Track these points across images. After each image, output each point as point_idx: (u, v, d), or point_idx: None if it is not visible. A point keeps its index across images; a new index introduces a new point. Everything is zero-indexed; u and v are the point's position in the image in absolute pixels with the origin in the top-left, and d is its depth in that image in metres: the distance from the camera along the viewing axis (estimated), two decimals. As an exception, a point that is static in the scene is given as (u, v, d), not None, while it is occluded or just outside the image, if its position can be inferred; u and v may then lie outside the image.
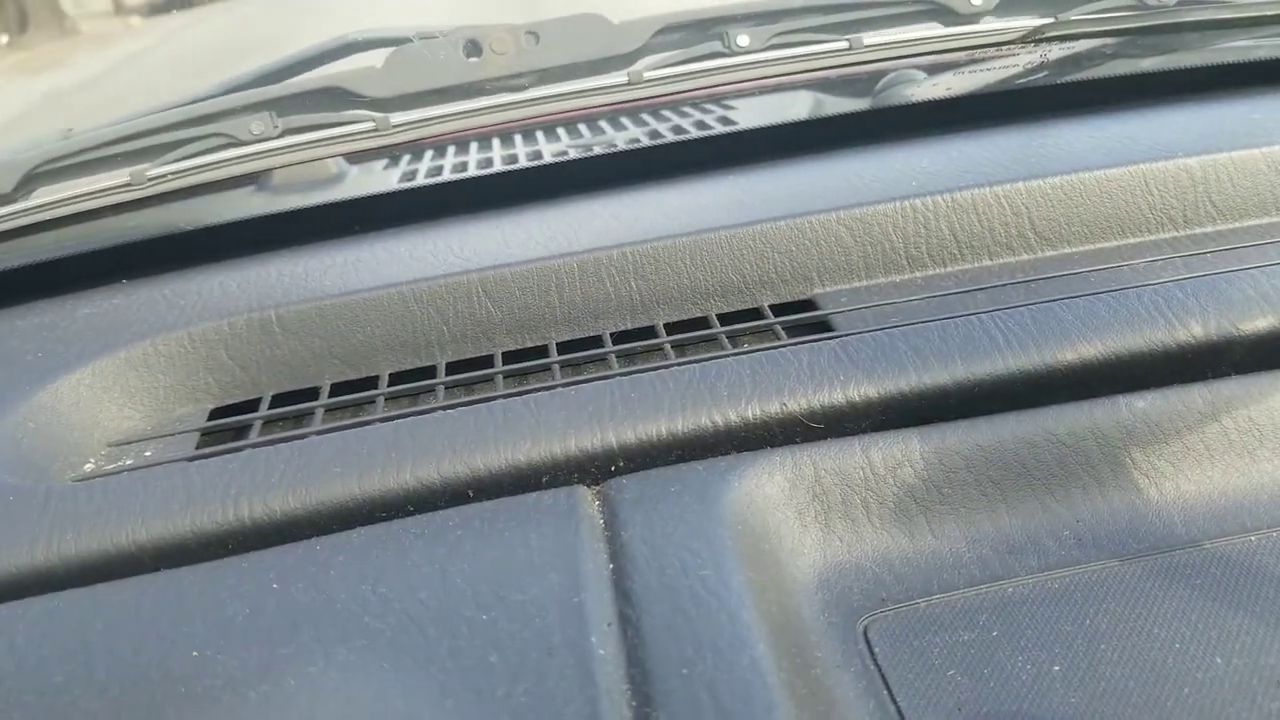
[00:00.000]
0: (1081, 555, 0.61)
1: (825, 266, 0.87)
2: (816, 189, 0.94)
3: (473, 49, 1.10)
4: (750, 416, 0.68)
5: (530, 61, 1.10)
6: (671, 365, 0.76)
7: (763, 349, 0.76)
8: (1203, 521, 0.63)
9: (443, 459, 0.66)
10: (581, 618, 0.53)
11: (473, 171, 1.23)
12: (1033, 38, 1.12)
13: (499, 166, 1.26)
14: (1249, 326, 0.71)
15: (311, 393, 0.84)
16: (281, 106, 1.08)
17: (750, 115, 1.28)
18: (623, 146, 1.21)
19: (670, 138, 1.25)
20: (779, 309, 0.86)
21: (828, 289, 0.87)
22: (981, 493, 0.65)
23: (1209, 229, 0.89)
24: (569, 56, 1.11)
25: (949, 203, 0.87)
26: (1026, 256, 0.88)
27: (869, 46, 1.11)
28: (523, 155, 1.29)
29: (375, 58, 1.12)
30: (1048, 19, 1.13)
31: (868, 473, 0.65)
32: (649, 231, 0.88)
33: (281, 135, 1.06)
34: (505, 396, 0.74)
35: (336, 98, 1.09)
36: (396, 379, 0.84)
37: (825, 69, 1.13)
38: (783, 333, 0.82)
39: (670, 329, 0.85)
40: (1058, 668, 0.54)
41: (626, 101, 1.12)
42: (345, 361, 0.85)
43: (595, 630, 0.53)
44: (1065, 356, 0.70)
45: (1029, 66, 1.18)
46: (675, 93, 1.11)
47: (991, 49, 1.17)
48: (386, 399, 0.81)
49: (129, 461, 0.77)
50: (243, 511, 0.64)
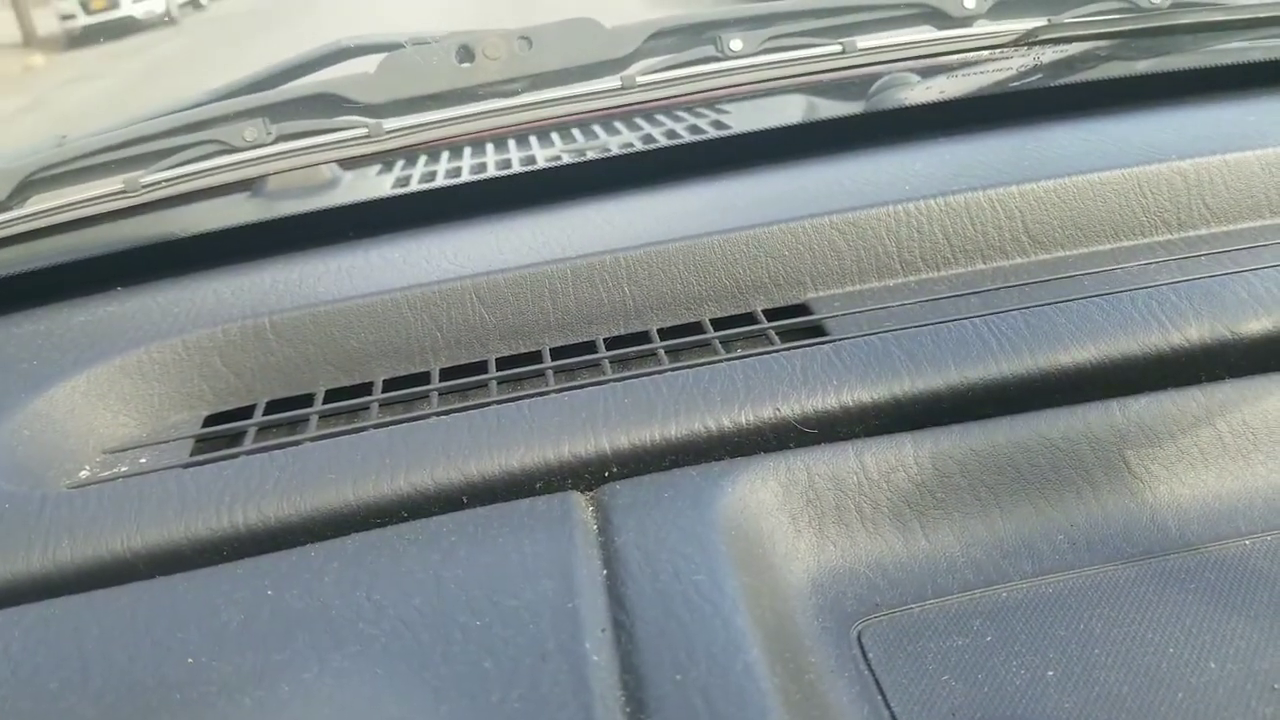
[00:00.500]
0: (1076, 560, 0.61)
1: (818, 271, 0.87)
2: (810, 193, 0.94)
3: (466, 54, 1.10)
4: (744, 421, 0.68)
5: (523, 66, 1.11)
6: (665, 370, 0.76)
7: (756, 354, 0.76)
8: (1197, 525, 0.63)
9: (437, 465, 0.66)
10: (575, 623, 0.53)
11: (466, 177, 1.23)
12: (1026, 41, 1.13)
13: (492, 172, 1.26)
14: (1243, 329, 0.71)
15: (306, 399, 0.83)
16: (275, 113, 1.08)
17: (743, 119, 1.28)
18: (616, 151, 1.21)
19: (663, 142, 1.25)
20: (772, 314, 0.86)
21: (821, 293, 0.87)
22: (975, 497, 0.65)
23: (1203, 232, 0.89)
24: (562, 61, 1.11)
25: (942, 206, 0.87)
26: (1020, 260, 0.88)
27: (862, 50, 1.12)
28: (516, 160, 1.29)
29: (368, 63, 1.12)
30: (1041, 22, 1.14)
31: (861, 477, 0.64)
32: (642, 236, 0.88)
33: (275, 141, 1.06)
34: (499, 402, 0.74)
35: (330, 104, 1.09)
36: (391, 385, 0.84)
37: (818, 73, 1.13)
38: (776, 337, 0.82)
39: (664, 334, 0.85)
40: (1052, 673, 0.54)
41: (620, 106, 1.12)
42: (339, 368, 0.85)
43: (589, 636, 0.53)
44: (1059, 360, 0.70)
45: (1022, 69, 1.18)
46: (668, 97, 1.11)
47: (985, 52, 1.17)
48: (381, 405, 0.81)
49: (124, 468, 0.77)
50: (237, 518, 0.64)
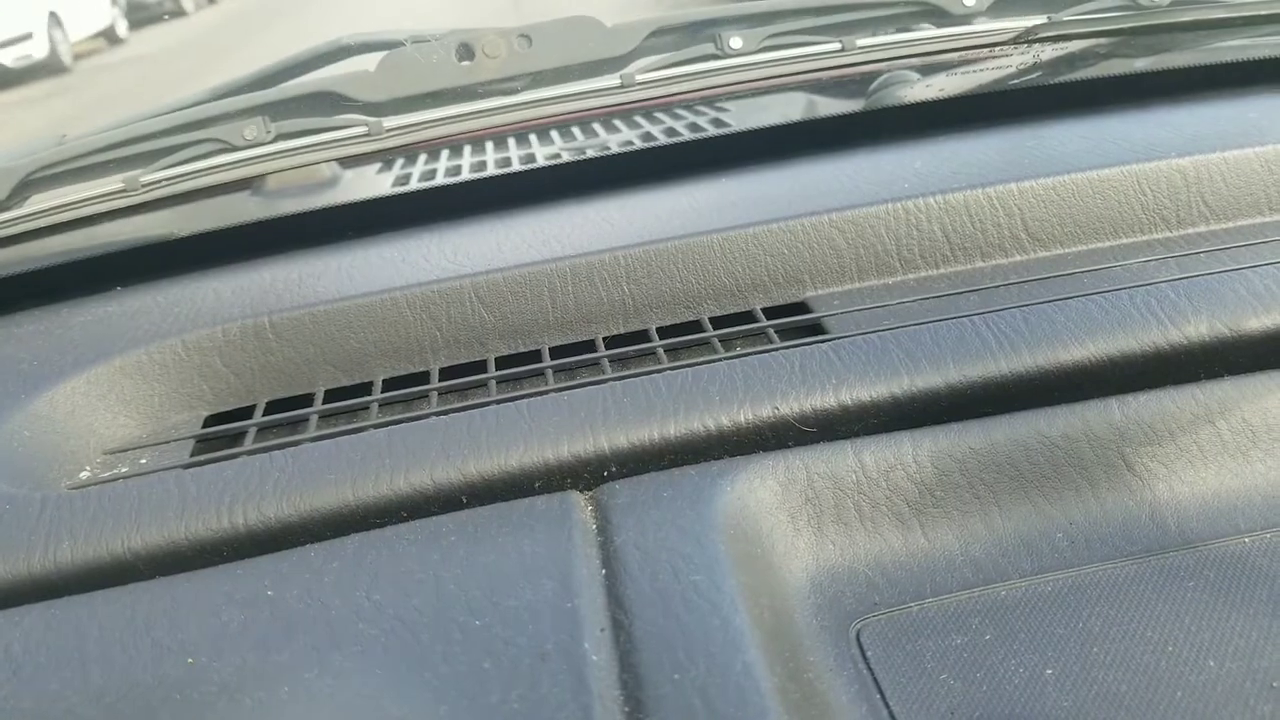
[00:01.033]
0: (1075, 558, 0.61)
1: (817, 269, 0.87)
2: (809, 191, 0.94)
3: (465, 52, 1.10)
4: (742, 420, 0.68)
5: (523, 65, 1.11)
6: (664, 369, 0.76)
7: (755, 352, 0.76)
8: (1196, 523, 0.63)
9: (436, 465, 0.66)
10: (575, 623, 0.54)
11: (466, 176, 1.23)
12: (1025, 38, 1.13)
13: (492, 170, 1.26)
14: (1242, 327, 0.71)
15: (306, 399, 0.84)
16: (274, 111, 1.08)
17: (743, 117, 1.28)
18: (615, 150, 1.21)
19: (663, 140, 1.25)
20: (771, 312, 0.86)
21: (820, 292, 0.87)
22: (974, 495, 0.65)
23: (1202, 229, 0.89)
24: (562, 59, 1.11)
25: (941, 204, 0.87)
26: (1019, 258, 0.88)
27: (862, 48, 1.11)
28: (516, 159, 1.29)
29: (368, 61, 1.12)
30: (1040, 20, 1.14)
31: (860, 476, 0.65)
32: (642, 235, 0.88)
33: (275, 140, 1.06)
34: (499, 402, 0.74)
35: (329, 102, 1.09)
36: (390, 385, 0.84)
37: (818, 71, 1.13)
38: (775, 336, 0.82)
39: (663, 333, 0.85)
40: (1051, 671, 0.54)
41: (619, 104, 1.12)
42: (339, 367, 0.85)
43: (588, 635, 0.53)
44: (1058, 358, 0.70)
45: (1022, 67, 1.18)
46: (668, 95, 1.11)
47: (984, 50, 1.17)
48: (380, 405, 0.81)
49: (124, 469, 0.77)
50: (237, 518, 0.65)
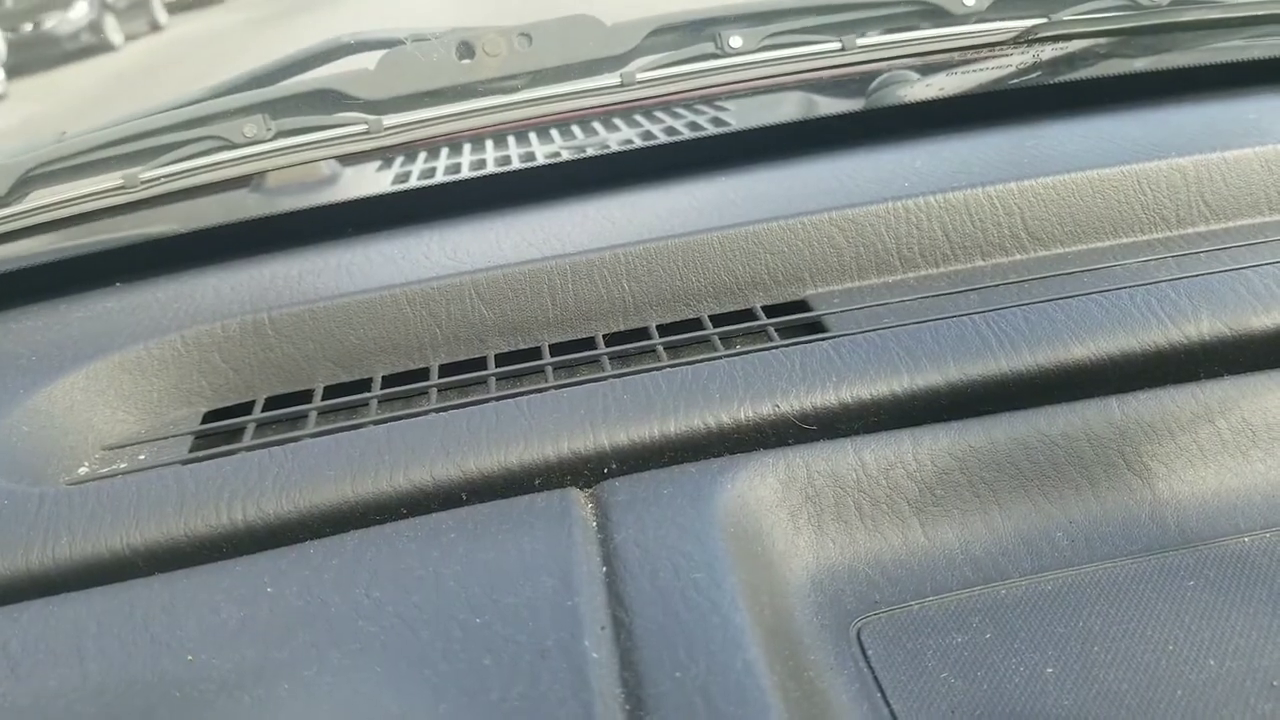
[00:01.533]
0: (1075, 557, 0.61)
1: (818, 267, 0.87)
2: (809, 190, 0.94)
3: (465, 51, 1.10)
4: (743, 418, 0.68)
5: (523, 63, 1.11)
6: (664, 367, 0.76)
7: (755, 350, 0.76)
8: (1196, 522, 0.63)
9: (436, 462, 0.66)
10: (575, 620, 0.53)
11: (465, 173, 1.23)
12: (1025, 38, 1.13)
13: (492, 168, 1.26)
14: (1242, 326, 0.71)
15: (305, 395, 0.83)
16: (274, 109, 1.08)
17: (743, 116, 1.28)
18: (615, 148, 1.21)
19: (663, 139, 1.25)
20: (771, 310, 0.86)
21: (820, 290, 0.87)
22: (974, 494, 0.65)
23: (1202, 229, 0.89)
24: (562, 58, 1.11)
25: (941, 203, 0.87)
26: (1019, 257, 0.88)
27: (862, 47, 1.11)
28: (515, 157, 1.29)
29: (368, 60, 1.12)
30: (1040, 19, 1.14)
31: (860, 474, 0.65)
32: (642, 233, 0.88)
33: (274, 138, 1.06)
34: (498, 399, 0.74)
35: (329, 100, 1.09)
36: (390, 381, 0.84)
37: (818, 70, 1.13)
38: (775, 334, 0.82)
39: (663, 330, 0.85)
40: (1051, 670, 0.54)
41: (619, 103, 1.12)
42: (339, 364, 0.85)
43: (589, 633, 0.53)
44: (1058, 357, 0.70)
45: (1021, 67, 1.18)
46: (668, 94, 1.11)
47: (984, 49, 1.17)
48: (380, 401, 0.81)
49: (123, 465, 0.77)
50: (236, 515, 0.64)
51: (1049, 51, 1.17)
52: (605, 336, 0.85)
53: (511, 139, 1.37)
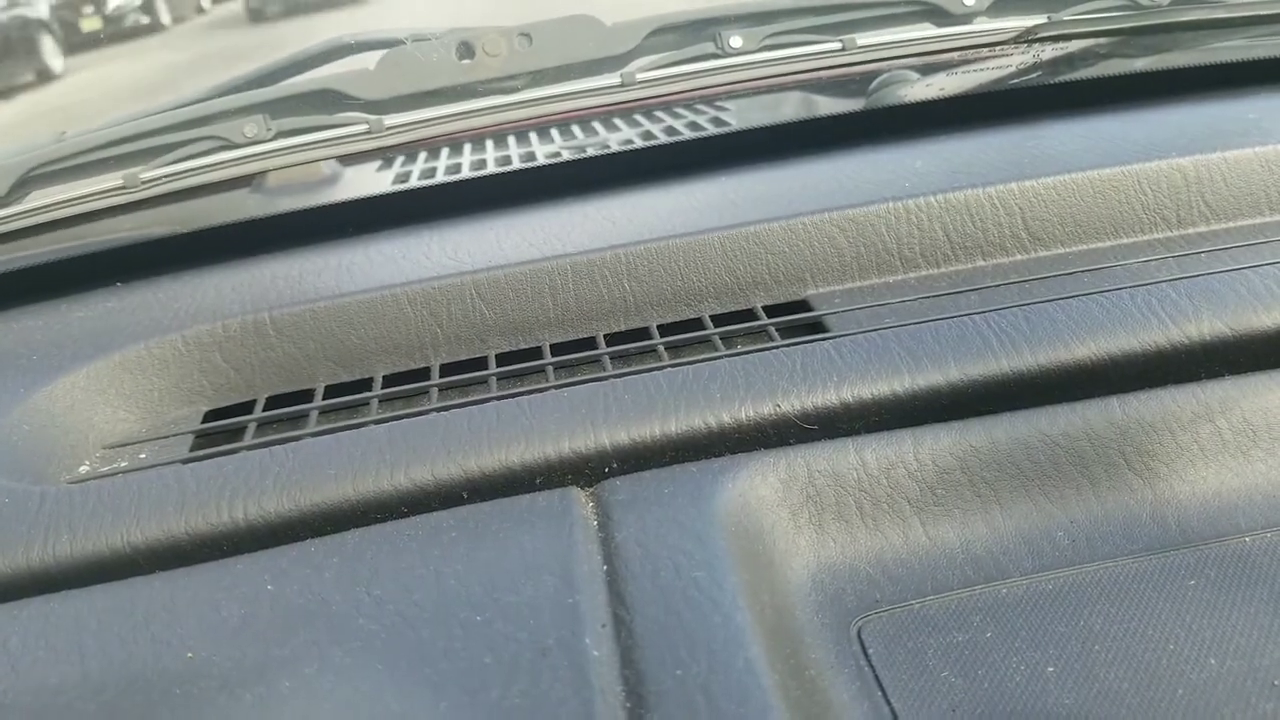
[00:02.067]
0: (1076, 556, 0.61)
1: (818, 267, 0.87)
2: (810, 190, 0.94)
3: (465, 51, 1.10)
4: (743, 418, 0.68)
5: (523, 63, 1.11)
6: (665, 367, 0.76)
7: (756, 350, 0.76)
8: (1197, 522, 0.63)
9: (436, 461, 0.66)
10: (576, 619, 0.53)
11: (466, 173, 1.23)
12: (1026, 38, 1.13)
13: (492, 168, 1.26)
14: (1243, 326, 0.71)
15: (306, 395, 0.84)
16: (275, 109, 1.08)
17: (743, 116, 1.28)
18: (616, 148, 1.21)
19: (663, 139, 1.25)
20: (772, 310, 0.86)
21: (821, 290, 0.87)
22: (975, 494, 0.65)
23: (1203, 229, 0.89)
24: (562, 58, 1.11)
25: (942, 203, 0.87)
26: (1020, 257, 0.88)
27: (862, 47, 1.12)
28: (516, 157, 1.29)
29: (368, 60, 1.12)
30: (1041, 19, 1.14)
31: (861, 474, 0.65)
32: (642, 233, 0.88)
33: (275, 138, 1.06)
34: (499, 398, 0.74)
35: (329, 100, 1.09)
36: (390, 381, 0.84)
37: (818, 70, 1.13)
38: (776, 334, 0.82)
39: (664, 330, 0.85)
40: (1052, 669, 0.54)
41: (620, 103, 1.12)
42: (339, 364, 0.85)
43: (589, 632, 0.53)
44: (1059, 357, 0.70)
45: (1022, 67, 1.18)
46: (668, 94, 1.11)
47: (985, 49, 1.17)
48: (380, 401, 0.81)
49: (124, 464, 0.77)
50: (237, 513, 0.64)
51: (1049, 51, 1.17)
52: (606, 336, 0.85)
53: (512, 139, 1.37)
